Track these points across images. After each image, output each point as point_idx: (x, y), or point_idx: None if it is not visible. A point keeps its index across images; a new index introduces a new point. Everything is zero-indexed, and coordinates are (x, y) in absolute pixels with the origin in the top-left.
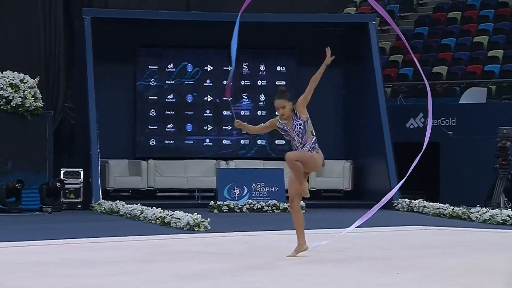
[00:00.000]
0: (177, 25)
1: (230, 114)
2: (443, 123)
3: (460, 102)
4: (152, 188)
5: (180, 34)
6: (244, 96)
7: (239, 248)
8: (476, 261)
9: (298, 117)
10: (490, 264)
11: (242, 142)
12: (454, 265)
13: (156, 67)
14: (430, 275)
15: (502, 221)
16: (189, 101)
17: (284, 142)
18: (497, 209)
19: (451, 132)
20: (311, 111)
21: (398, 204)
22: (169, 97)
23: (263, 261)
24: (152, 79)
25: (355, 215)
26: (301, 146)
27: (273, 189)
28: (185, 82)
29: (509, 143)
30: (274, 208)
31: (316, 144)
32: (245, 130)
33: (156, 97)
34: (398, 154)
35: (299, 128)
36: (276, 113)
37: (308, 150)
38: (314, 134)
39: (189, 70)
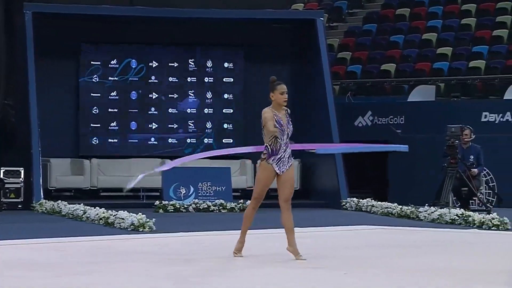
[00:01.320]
0: (121, 21)
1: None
2: (391, 121)
3: (408, 100)
4: (95, 188)
5: (124, 30)
6: (190, 94)
7: (185, 249)
8: (433, 260)
9: (290, 120)
10: (450, 264)
11: (188, 140)
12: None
13: (99, 63)
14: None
15: (450, 221)
16: (133, 98)
17: (232, 141)
18: (445, 209)
19: (399, 131)
20: (258, 108)
21: (346, 204)
22: (112, 94)
23: (211, 263)
24: (95, 76)
25: (302, 215)
26: (284, 147)
27: (219, 188)
28: (129, 79)
29: (457, 141)
30: (221, 207)
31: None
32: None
33: (99, 94)
34: (347, 153)
35: (291, 129)
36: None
37: (289, 157)
38: None
39: (133, 67)
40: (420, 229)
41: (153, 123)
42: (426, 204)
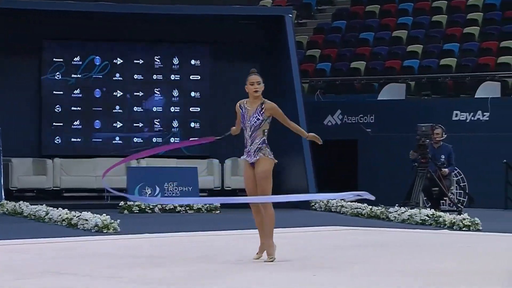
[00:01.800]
0: (85, 17)
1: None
2: (361, 120)
3: (378, 99)
4: (58, 188)
5: (88, 26)
6: (156, 91)
7: (150, 251)
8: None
9: (261, 112)
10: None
11: (154, 140)
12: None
13: (62, 60)
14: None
15: (421, 221)
16: (97, 96)
17: None
18: (416, 209)
19: (369, 130)
20: (225, 106)
21: (315, 204)
22: (75, 92)
23: (181, 267)
24: (58, 73)
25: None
26: (250, 141)
27: (186, 188)
28: (93, 76)
29: (428, 140)
30: (187, 208)
31: (264, 145)
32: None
33: (62, 92)
34: (316, 152)
35: (255, 122)
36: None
37: (255, 151)
38: (265, 134)
39: (97, 64)
40: (391, 229)
41: (118, 122)
42: (396, 204)
